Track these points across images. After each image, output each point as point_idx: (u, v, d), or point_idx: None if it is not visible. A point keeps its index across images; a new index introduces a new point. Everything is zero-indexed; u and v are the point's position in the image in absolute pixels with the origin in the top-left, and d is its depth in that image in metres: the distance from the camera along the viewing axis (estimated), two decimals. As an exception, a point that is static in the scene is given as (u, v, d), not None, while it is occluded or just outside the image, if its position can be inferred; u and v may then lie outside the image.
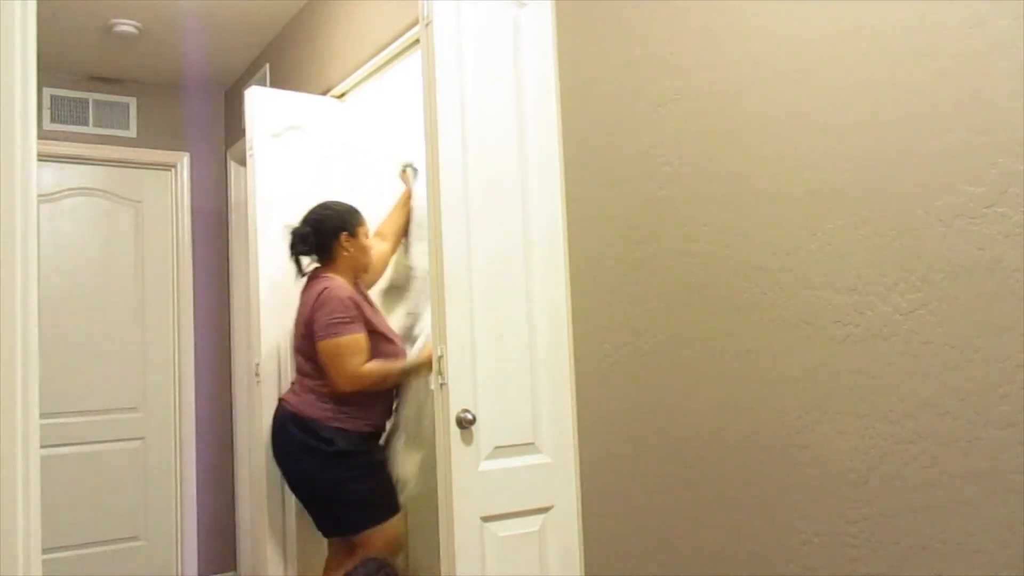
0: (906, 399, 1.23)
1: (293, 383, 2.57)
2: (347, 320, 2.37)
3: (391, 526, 2.42)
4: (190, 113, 4.15)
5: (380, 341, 2.46)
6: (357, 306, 2.42)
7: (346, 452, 2.39)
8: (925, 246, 1.20)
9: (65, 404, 3.73)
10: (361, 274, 2.60)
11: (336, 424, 2.39)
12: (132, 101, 4.01)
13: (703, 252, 1.56)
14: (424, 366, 2.41)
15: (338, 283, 2.45)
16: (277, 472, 2.54)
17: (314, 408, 2.41)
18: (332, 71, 2.99)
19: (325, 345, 2.37)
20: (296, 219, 2.58)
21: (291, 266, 2.57)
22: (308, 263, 2.57)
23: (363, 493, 2.39)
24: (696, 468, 1.58)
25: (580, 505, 1.86)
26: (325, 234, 2.51)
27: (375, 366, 2.41)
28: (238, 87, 4.00)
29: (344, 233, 2.50)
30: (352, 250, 2.51)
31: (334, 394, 2.41)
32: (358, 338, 2.38)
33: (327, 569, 2.57)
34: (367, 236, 2.58)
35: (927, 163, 1.20)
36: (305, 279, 2.55)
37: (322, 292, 2.41)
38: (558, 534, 1.84)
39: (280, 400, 2.56)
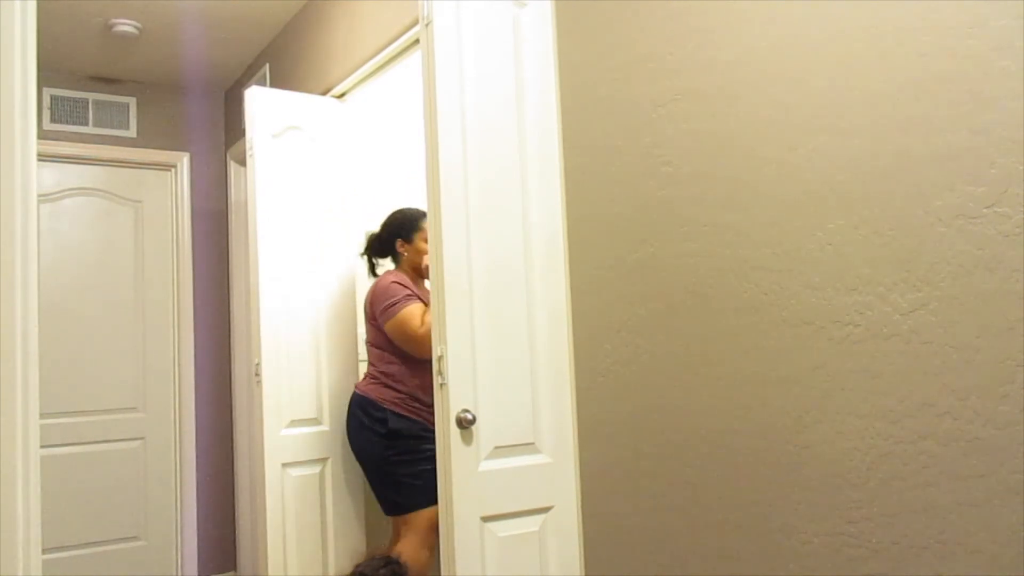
0: (906, 399, 1.23)
1: (365, 374, 2.82)
2: (396, 299, 2.63)
3: (434, 512, 2.56)
4: (190, 113, 4.15)
5: None
6: (404, 286, 2.67)
7: (397, 433, 2.60)
8: (925, 246, 1.20)
9: (65, 404, 3.73)
10: (424, 275, 2.80)
11: (390, 407, 2.64)
12: (132, 101, 4.01)
13: (703, 252, 1.56)
14: None
15: (387, 276, 2.73)
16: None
17: (376, 391, 2.68)
18: (332, 71, 2.99)
19: (390, 328, 2.64)
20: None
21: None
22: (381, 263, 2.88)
23: (409, 475, 2.59)
24: (696, 468, 1.58)
25: (580, 505, 1.86)
26: (384, 239, 2.83)
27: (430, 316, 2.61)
28: (238, 87, 4.00)
29: (399, 239, 2.78)
30: (408, 254, 2.78)
31: (393, 379, 2.66)
32: (412, 308, 2.62)
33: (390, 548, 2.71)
34: (425, 240, 2.77)
35: (927, 163, 1.20)
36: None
37: (374, 287, 2.74)
38: (558, 534, 1.84)
39: (355, 387, 2.82)
